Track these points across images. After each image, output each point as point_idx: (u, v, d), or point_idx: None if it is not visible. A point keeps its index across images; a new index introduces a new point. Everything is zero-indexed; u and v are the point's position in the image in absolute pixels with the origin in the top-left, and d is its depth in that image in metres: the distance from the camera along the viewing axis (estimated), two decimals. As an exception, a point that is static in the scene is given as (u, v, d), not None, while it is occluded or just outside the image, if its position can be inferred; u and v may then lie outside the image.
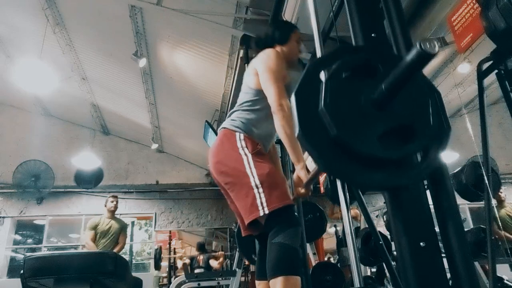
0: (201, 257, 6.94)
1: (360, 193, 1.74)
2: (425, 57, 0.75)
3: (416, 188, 1.05)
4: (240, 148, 1.56)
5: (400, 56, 1.16)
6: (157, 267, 7.19)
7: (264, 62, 1.67)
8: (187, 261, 7.04)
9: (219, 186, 1.69)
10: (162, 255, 7.76)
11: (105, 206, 4.62)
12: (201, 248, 7.26)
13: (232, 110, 1.74)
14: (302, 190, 1.65)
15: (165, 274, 9.08)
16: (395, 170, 0.91)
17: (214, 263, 6.85)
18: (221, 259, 6.91)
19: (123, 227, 4.62)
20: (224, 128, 1.67)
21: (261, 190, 1.45)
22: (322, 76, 0.97)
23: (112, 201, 4.61)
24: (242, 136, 1.59)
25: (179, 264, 7.12)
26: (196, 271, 6.66)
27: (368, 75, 0.95)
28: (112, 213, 4.58)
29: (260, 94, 1.66)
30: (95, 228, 4.41)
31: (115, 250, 4.36)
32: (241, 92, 1.79)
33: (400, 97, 0.90)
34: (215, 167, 1.62)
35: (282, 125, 1.52)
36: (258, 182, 1.46)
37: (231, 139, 1.60)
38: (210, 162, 1.65)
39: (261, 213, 1.42)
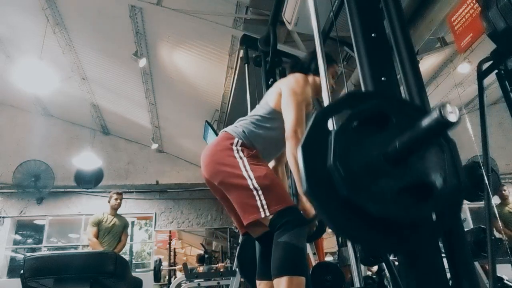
0: (201, 268, 6.90)
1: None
2: (445, 125, 0.70)
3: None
4: (235, 151, 1.55)
5: (413, 103, 1.13)
6: (157, 279, 7.13)
7: (290, 85, 1.66)
8: None
9: (210, 187, 1.67)
10: (162, 267, 7.69)
11: (109, 202, 4.54)
12: (201, 260, 7.20)
13: (241, 118, 1.74)
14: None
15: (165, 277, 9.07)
16: (409, 232, 0.85)
17: None
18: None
19: (125, 225, 4.59)
20: (225, 131, 1.67)
21: (260, 192, 1.45)
22: (330, 124, 0.92)
23: (116, 199, 4.53)
24: (239, 142, 1.59)
25: (178, 274, 7.07)
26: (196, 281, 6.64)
27: (379, 124, 0.89)
28: (115, 210, 4.52)
29: (274, 114, 1.66)
30: (98, 224, 4.33)
31: (117, 248, 4.34)
32: (258, 105, 1.79)
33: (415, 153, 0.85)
34: (208, 166, 1.60)
35: (293, 153, 1.52)
36: (256, 185, 1.46)
37: (228, 142, 1.59)
38: (202, 162, 1.63)
39: (262, 215, 1.42)
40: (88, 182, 8.53)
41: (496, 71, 1.50)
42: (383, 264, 2.97)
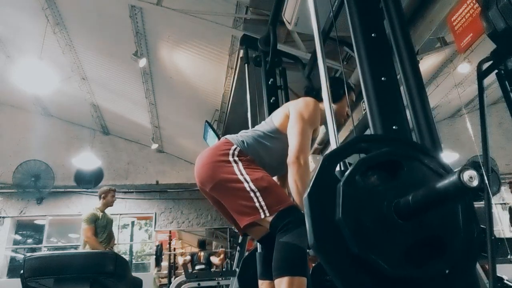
0: (201, 254, 6.96)
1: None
2: (463, 191, 0.66)
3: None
4: (230, 155, 1.55)
5: (425, 148, 1.05)
6: (158, 264, 7.19)
7: (299, 109, 1.64)
8: (188, 257, 7.02)
9: (202, 191, 1.65)
10: (163, 252, 7.73)
11: (104, 199, 4.38)
12: (202, 245, 7.28)
13: (244, 130, 1.73)
14: (308, 256, 1.55)
15: (164, 272, 9.07)
16: None
17: (215, 260, 6.87)
18: (221, 256, 6.92)
19: (112, 221, 4.55)
20: (225, 138, 1.66)
21: (258, 194, 1.44)
22: (337, 170, 0.87)
23: (113, 196, 4.44)
24: (237, 149, 1.58)
25: (180, 260, 7.10)
26: (197, 267, 6.67)
27: (390, 172, 0.84)
28: (107, 207, 4.42)
29: (277, 134, 1.65)
30: (95, 221, 4.21)
31: (109, 245, 4.29)
32: (264, 121, 1.78)
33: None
34: (202, 169, 1.57)
35: (294, 180, 1.49)
36: (253, 187, 1.45)
37: (225, 147, 1.59)
38: (198, 165, 1.61)
39: (262, 216, 1.41)
40: (88, 182, 8.53)
41: (496, 71, 1.50)
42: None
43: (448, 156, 7.70)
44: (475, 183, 0.65)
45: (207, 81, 6.25)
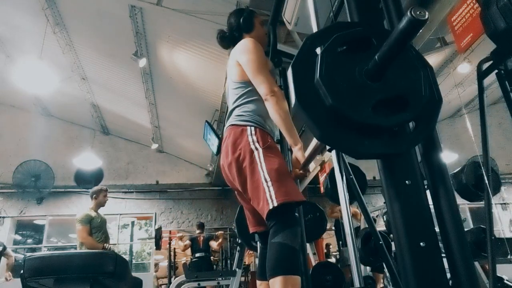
0: (201, 238, 6.96)
1: (360, 193, 1.74)
2: (417, 24, 0.77)
3: (416, 187, 1.05)
4: (251, 142, 1.54)
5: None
6: (158, 246, 7.17)
7: (244, 53, 1.66)
8: (188, 242, 7.00)
9: (231, 187, 1.66)
10: (162, 235, 7.68)
11: (95, 199, 4.34)
12: (201, 227, 7.27)
13: (231, 109, 1.71)
14: (300, 171, 1.64)
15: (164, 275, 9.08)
16: (389, 139, 0.95)
17: (213, 244, 6.89)
18: (220, 240, 6.92)
19: (106, 221, 4.54)
20: (232, 125, 1.63)
21: (270, 183, 1.44)
22: (318, 51, 0.99)
23: (105, 195, 4.39)
24: (252, 129, 1.57)
25: (180, 245, 7.05)
26: (197, 254, 6.67)
27: (362, 48, 0.97)
28: (99, 207, 4.39)
29: (250, 85, 1.65)
30: (90, 222, 4.17)
31: (106, 245, 4.27)
32: (230, 90, 1.75)
33: (394, 69, 0.94)
34: (230, 166, 1.58)
35: (276, 110, 1.51)
36: (267, 177, 1.45)
37: (243, 134, 1.57)
38: (224, 162, 1.61)
39: (271, 206, 1.41)
40: (88, 182, 8.52)
41: (496, 71, 1.50)
42: (383, 264, 2.97)
43: (448, 156, 7.70)
44: (425, 16, 0.76)
45: (207, 81, 6.25)
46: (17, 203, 8.53)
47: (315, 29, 1.70)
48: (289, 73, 0.95)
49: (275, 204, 1.40)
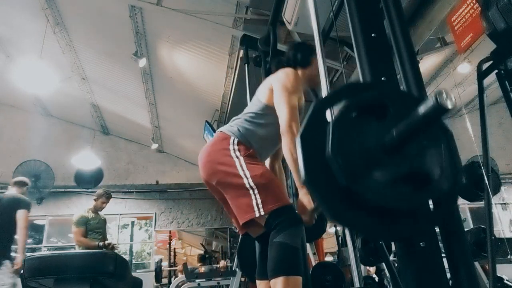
0: (202, 269, 6.92)
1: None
2: (441, 111, 0.71)
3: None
4: (232, 151, 1.55)
5: (411, 94, 1.13)
6: (158, 280, 7.11)
7: (281, 80, 1.66)
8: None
9: (208, 187, 1.67)
10: (162, 268, 7.66)
11: (95, 201, 4.36)
12: (202, 259, 7.19)
13: (235, 117, 1.73)
14: (305, 218, 1.56)
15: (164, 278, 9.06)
16: (407, 220, 0.86)
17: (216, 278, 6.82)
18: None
19: (105, 221, 4.54)
20: (221, 131, 1.66)
21: (256, 191, 1.44)
22: (328, 115, 0.93)
23: (104, 202, 4.36)
24: (236, 140, 1.59)
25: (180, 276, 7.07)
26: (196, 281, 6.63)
27: (377, 115, 0.89)
28: (96, 210, 4.39)
29: (267, 110, 1.66)
30: (85, 223, 4.18)
31: (107, 242, 4.26)
32: (250, 103, 1.79)
33: (412, 142, 0.86)
34: (205, 166, 1.60)
35: (289, 148, 1.51)
36: (252, 184, 1.45)
37: (224, 142, 1.59)
38: (200, 162, 1.63)
39: (257, 214, 1.42)
40: (88, 182, 8.52)
41: (496, 71, 1.50)
42: (383, 264, 2.97)
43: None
44: (450, 103, 0.70)
45: (207, 81, 6.25)
46: (17, 203, 8.52)
47: (315, 29, 1.70)
48: (298, 143, 0.87)
49: (262, 213, 1.41)
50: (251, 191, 1.45)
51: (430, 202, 0.91)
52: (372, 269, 4.57)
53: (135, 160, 9.54)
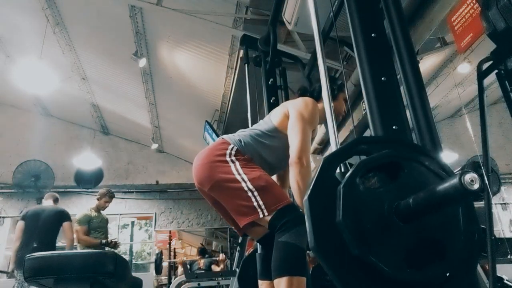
0: (202, 261, 6.91)
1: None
2: (464, 194, 0.66)
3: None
4: (227, 155, 1.54)
5: (426, 150, 1.05)
6: (158, 271, 7.17)
7: (299, 108, 1.64)
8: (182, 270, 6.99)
9: (200, 191, 1.66)
10: (163, 258, 7.70)
11: (98, 201, 4.42)
12: (202, 252, 7.21)
13: (242, 130, 1.72)
14: (308, 257, 1.56)
15: (164, 277, 9.07)
16: None
17: (216, 269, 6.83)
18: (222, 266, 6.89)
19: (107, 221, 4.56)
20: (222, 138, 1.66)
21: (256, 193, 1.43)
22: (337, 172, 0.88)
23: (107, 201, 4.43)
24: (234, 148, 1.57)
25: (180, 270, 7.07)
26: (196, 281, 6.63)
27: (390, 174, 0.84)
28: (99, 209, 4.44)
29: (275, 133, 1.65)
30: (88, 222, 4.23)
31: (109, 240, 4.28)
32: (261, 120, 1.78)
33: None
34: (198, 170, 1.58)
35: (297, 180, 1.49)
36: (251, 186, 1.45)
37: (222, 147, 1.58)
38: (194, 165, 1.61)
39: (260, 215, 1.41)
40: (88, 182, 8.53)
41: (496, 71, 1.50)
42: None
43: (448, 156, 7.70)
44: (476, 186, 0.65)
45: (207, 81, 6.25)
46: (17, 203, 8.52)
47: (315, 29, 1.70)
48: (306, 205, 0.82)
49: (266, 214, 1.40)
50: (250, 193, 1.44)
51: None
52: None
53: (135, 160, 9.54)
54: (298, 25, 3.26)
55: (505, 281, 3.16)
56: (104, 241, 4.17)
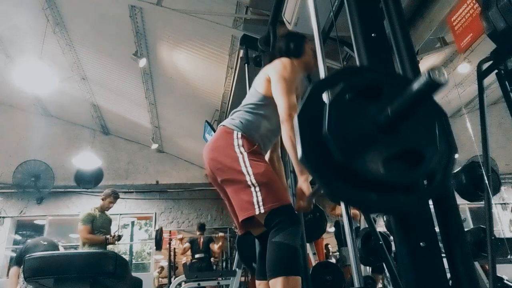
0: (201, 239, 6.93)
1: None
2: (434, 87, 0.72)
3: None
4: (236, 146, 1.56)
5: (406, 77, 1.14)
6: (158, 247, 7.18)
7: (278, 71, 1.67)
8: (187, 244, 7.01)
9: (214, 184, 1.68)
10: (163, 235, 7.67)
11: (102, 201, 4.45)
12: (202, 228, 7.25)
13: (235, 110, 1.74)
14: (304, 204, 1.59)
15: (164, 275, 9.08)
16: (401, 195, 0.88)
17: (214, 247, 6.88)
18: (221, 243, 6.91)
19: (111, 221, 4.57)
20: (223, 125, 1.67)
21: (257, 189, 1.45)
22: (325, 97, 0.95)
23: (111, 202, 4.45)
24: (239, 134, 1.59)
25: (179, 247, 7.07)
26: (197, 256, 6.66)
27: (372, 96, 0.92)
28: (103, 209, 4.46)
29: (266, 100, 1.67)
30: (92, 222, 4.23)
31: (111, 236, 4.29)
32: (248, 94, 1.79)
33: (407, 120, 0.88)
34: (210, 163, 1.61)
35: (289, 136, 1.51)
36: (254, 181, 1.46)
37: (228, 137, 1.60)
38: (205, 158, 1.64)
39: (257, 212, 1.42)
40: (88, 182, 8.53)
41: (496, 71, 1.50)
42: (383, 264, 2.97)
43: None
44: (443, 78, 0.71)
45: (207, 81, 6.25)
46: (17, 203, 8.53)
47: (315, 29, 1.70)
48: (295, 123, 0.90)
49: (262, 211, 1.41)
50: (252, 188, 1.45)
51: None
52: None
53: (135, 160, 9.54)
54: (298, 25, 3.26)
55: (505, 281, 3.16)
56: (108, 236, 4.18)
